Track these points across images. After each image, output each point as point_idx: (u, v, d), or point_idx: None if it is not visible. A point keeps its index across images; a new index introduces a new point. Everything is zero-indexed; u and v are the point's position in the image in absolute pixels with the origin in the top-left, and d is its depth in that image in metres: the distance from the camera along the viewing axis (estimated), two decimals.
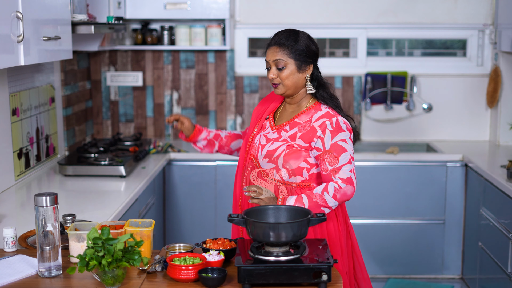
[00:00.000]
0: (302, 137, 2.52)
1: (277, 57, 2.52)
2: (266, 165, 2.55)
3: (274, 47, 2.54)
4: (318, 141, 2.49)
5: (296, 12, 4.77)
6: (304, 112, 2.57)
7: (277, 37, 2.55)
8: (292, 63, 2.53)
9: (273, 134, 2.59)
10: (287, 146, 2.53)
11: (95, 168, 3.62)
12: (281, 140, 2.55)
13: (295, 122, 2.57)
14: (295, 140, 2.53)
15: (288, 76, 2.53)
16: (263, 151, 2.57)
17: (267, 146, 2.57)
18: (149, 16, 4.45)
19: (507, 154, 4.30)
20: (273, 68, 2.53)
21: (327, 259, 2.07)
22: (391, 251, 4.38)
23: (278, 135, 2.57)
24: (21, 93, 3.45)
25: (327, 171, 2.48)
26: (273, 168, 2.55)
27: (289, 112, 2.63)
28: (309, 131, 2.51)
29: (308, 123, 2.53)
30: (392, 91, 4.77)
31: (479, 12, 4.73)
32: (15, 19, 2.52)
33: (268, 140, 2.58)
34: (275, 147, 2.54)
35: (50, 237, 2.10)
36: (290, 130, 2.55)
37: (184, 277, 2.06)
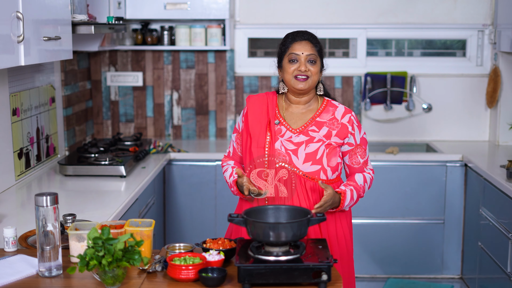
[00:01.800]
0: (337, 135, 2.59)
1: (311, 51, 2.59)
2: (310, 168, 2.55)
3: (307, 42, 2.60)
4: (351, 138, 2.60)
5: (296, 12, 4.77)
6: (323, 110, 2.63)
7: (306, 35, 2.63)
8: (319, 62, 2.62)
9: (297, 137, 2.58)
10: (326, 145, 2.57)
11: (95, 168, 3.63)
12: (316, 141, 2.57)
13: (320, 121, 2.60)
14: (331, 138, 2.58)
15: (316, 72, 2.61)
16: (301, 156, 2.56)
17: (301, 150, 2.56)
18: (149, 16, 4.45)
19: (507, 154, 4.30)
20: (304, 61, 2.57)
21: (327, 259, 2.07)
22: (391, 251, 4.38)
23: (308, 137, 2.58)
24: (21, 93, 3.46)
25: (359, 164, 2.63)
26: (319, 169, 2.56)
27: (300, 113, 2.64)
28: (341, 128, 2.59)
29: (335, 120, 2.60)
30: (392, 91, 4.77)
31: (478, 12, 4.73)
32: (15, 19, 2.52)
33: (298, 143, 2.57)
34: (315, 149, 2.56)
35: (51, 237, 2.10)
36: (320, 130, 2.59)
37: (184, 277, 2.07)
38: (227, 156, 2.81)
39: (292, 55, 2.59)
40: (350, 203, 2.61)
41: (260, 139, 2.61)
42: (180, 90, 4.82)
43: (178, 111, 4.84)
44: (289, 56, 2.59)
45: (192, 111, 4.83)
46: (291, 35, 2.65)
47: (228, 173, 2.71)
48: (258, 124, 2.64)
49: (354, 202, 2.62)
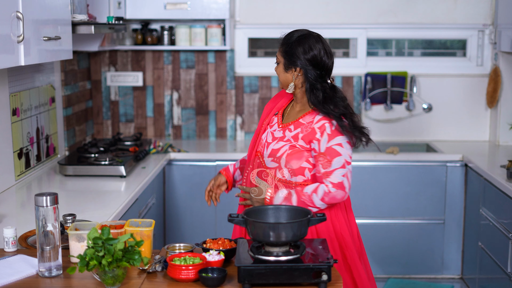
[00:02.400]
0: (303, 138, 2.56)
1: (277, 54, 2.69)
2: (270, 163, 2.61)
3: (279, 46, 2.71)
4: (316, 143, 2.54)
5: (296, 12, 4.77)
6: (309, 113, 2.61)
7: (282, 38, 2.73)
8: (282, 62, 2.64)
9: (279, 132, 2.64)
10: (290, 147, 2.57)
11: (95, 168, 3.63)
12: (285, 140, 2.60)
13: (300, 123, 2.61)
14: (298, 141, 2.57)
15: (278, 72, 2.66)
16: (268, 150, 2.62)
17: (272, 145, 2.62)
18: (149, 16, 4.45)
19: (507, 154, 4.30)
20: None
21: (327, 259, 2.07)
22: (391, 251, 4.38)
23: (283, 134, 2.62)
24: (21, 93, 3.46)
25: (320, 173, 2.54)
26: (276, 167, 2.59)
27: (296, 111, 2.67)
28: (309, 132, 2.55)
29: (310, 124, 2.57)
30: (392, 91, 4.77)
31: (478, 12, 4.73)
32: (15, 19, 2.52)
33: (274, 138, 2.63)
34: (279, 147, 2.59)
35: (50, 237, 2.10)
36: (294, 130, 2.60)
37: (184, 277, 2.07)
38: None
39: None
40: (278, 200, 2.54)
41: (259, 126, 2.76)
42: (180, 90, 4.82)
43: (178, 111, 4.84)
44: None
45: (192, 111, 4.83)
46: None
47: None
48: (267, 114, 2.77)
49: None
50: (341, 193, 2.53)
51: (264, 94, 4.82)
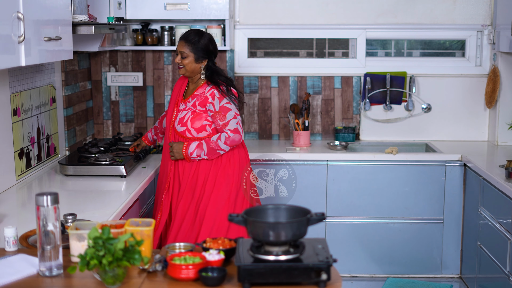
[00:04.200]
0: (199, 104, 3.49)
1: (181, 49, 3.52)
2: (180, 128, 3.50)
3: (181, 41, 3.54)
4: (210, 105, 3.47)
5: (296, 12, 4.78)
6: (200, 87, 3.55)
7: (187, 34, 3.55)
8: (191, 56, 3.52)
9: (181, 105, 3.57)
10: (192, 112, 3.50)
11: (95, 168, 3.63)
12: (187, 108, 3.52)
13: (195, 95, 3.54)
14: (196, 107, 3.50)
15: (187, 63, 3.52)
16: (177, 120, 3.54)
17: (179, 115, 3.54)
18: (150, 16, 4.46)
19: (506, 154, 4.31)
20: (179, 56, 3.53)
21: (327, 259, 2.08)
22: (390, 250, 4.39)
23: (184, 106, 3.54)
24: (22, 93, 3.47)
25: (219, 126, 3.46)
26: (185, 130, 3.49)
27: (190, 89, 3.62)
28: (204, 99, 3.49)
29: (202, 94, 3.51)
30: (391, 91, 4.78)
31: (477, 12, 4.74)
32: (16, 19, 2.53)
33: (179, 111, 3.56)
34: (183, 115, 3.51)
35: (51, 236, 2.11)
36: (191, 101, 3.53)
37: (184, 276, 2.07)
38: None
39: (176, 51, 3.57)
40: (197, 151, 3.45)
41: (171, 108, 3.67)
42: None
43: None
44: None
45: None
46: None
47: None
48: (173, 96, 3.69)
49: (205, 152, 3.44)
50: (238, 136, 3.46)
51: (264, 94, 4.83)
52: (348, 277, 4.41)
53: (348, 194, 4.35)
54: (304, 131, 4.60)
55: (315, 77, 4.81)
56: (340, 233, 4.38)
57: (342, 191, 4.35)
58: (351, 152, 4.44)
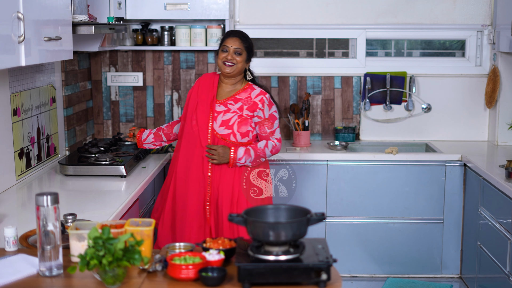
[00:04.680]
0: (248, 109, 3.39)
1: (239, 46, 3.39)
2: (223, 131, 3.38)
3: (236, 38, 3.41)
4: (260, 112, 3.40)
5: (296, 12, 4.78)
6: (243, 91, 3.45)
7: (239, 31, 3.46)
8: (245, 54, 3.42)
9: (218, 107, 3.42)
10: (239, 116, 3.38)
11: (95, 168, 3.63)
12: (232, 111, 3.39)
13: (237, 98, 3.43)
14: (243, 111, 3.38)
15: (241, 61, 3.40)
16: (218, 121, 3.39)
17: (220, 116, 3.39)
18: (150, 16, 4.46)
19: (506, 154, 4.31)
20: (232, 52, 3.38)
21: (327, 259, 2.08)
22: (390, 250, 4.39)
23: (225, 107, 3.41)
24: (22, 93, 3.47)
25: (266, 133, 3.44)
26: (230, 133, 3.37)
27: (226, 91, 3.47)
28: (252, 104, 3.40)
29: (249, 99, 3.41)
30: (391, 91, 4.78)
31: (477, 12, 4.74)
32: (16, 19, 2.53)
33: (215, 111, 3.41)
34: (229, 117, 3.38)
35: (51, 236, 2.11)
36: (236, 104, 3.41)
37: (184, 276, 2.08)
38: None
39: (224, 47, 3.40)
40: (245, 157, 3.34)
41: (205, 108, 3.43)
42: (180, 90, 4.83)
43: (178, 111, 4.85)
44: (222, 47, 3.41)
45: None
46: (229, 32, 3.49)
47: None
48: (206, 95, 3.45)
49: (252, 158, 3.35)
50: (280, 145, 3.49)
51: None
52: (348, 277, 4.41)
53: (348, 194, 4.35)
54: (304, 131, 4.60)
55: (315, 77, 4.81)
56: (340, 233, 4.38)
57: (342, 191, 4.35)
58: (351, 152, 4.44)
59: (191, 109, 3.47)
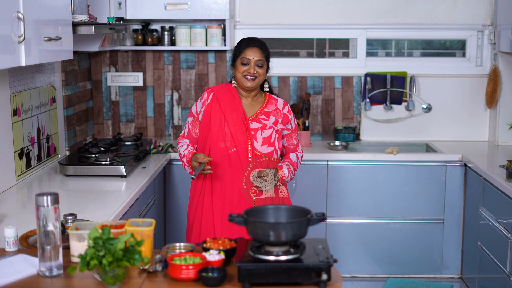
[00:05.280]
0: (282, 122, 3.19)
1: (261, 57, 3.13)
2: (266, 149, 3.13)
3: (257, 49, 3.14)
4: (289, 124, 3.23)
5: (296, 12, 4.78)
6: (268, 103, 3.22)
7: (257, 41, 3.18)
8: (265, 65, 3.16)
9: (251, 124, 3.16)
10: (276, 131, 3.17)
11: (96, 168, 3.63)
12: (268, 127, 3.15)
13: (267, 112, 3.20)
14: (278, 125, 3.18)
15: (263, 73, 3.15)
16: (259, 139, 3.13)
17: (259, 135, 3.13)
18: (150, 16, 4.46)
19: (506, 154, 4.31)
20: (253, 65, 3.12)
21: (327, 259, 2.08)
22: (391, 250, 4.39)
23: (260, 124, 3.16)
24: (22, 93, 3.46)
25: (294, 145, 3.27)
26: (273, 151, 3.15)
27: (250, 104, 3.21)
28: (284, 116, 3.20)
29: (278, 111, 3.21)
30: (392, 91, 4.78)
31: (478, 12, 4.74)
32: (16, 19, 2.53)
33: (254, 129, 3.13)
34: (269, 134, 3.15)
35: (51, 236, 2.11)
36: (269, 118, 3.18)
37: (185, 276, 2.07)
38: (182, 136, 3.30)
39: (244, 59, 3.13)
40: (290, 176, 3.15)
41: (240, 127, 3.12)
42: (180, 90, 4.83)
43: (179, 111, 4.84)
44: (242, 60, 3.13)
45: None
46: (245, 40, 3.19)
47: (183, 148, 3.21)
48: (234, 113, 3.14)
49: (292, 175, 3.17)
50: None
51: None
52: (348, 277, 4.41)
53: (348, 194, 4.35)
54: (305, 131, 4.59)
55: (316, 77, 4.80)
56: (341, 233, 4.38)
57: (343, 191, 4.35)
58: (351, 152, 4.43)
59: (217, 130, 3.13)
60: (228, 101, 3.16)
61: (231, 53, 4.78)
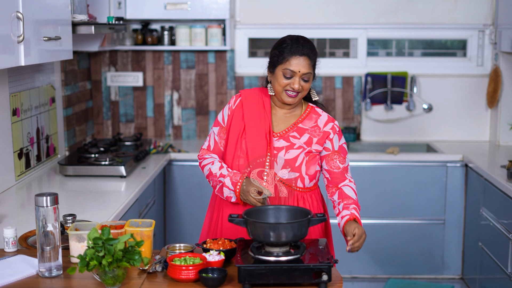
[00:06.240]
0: (318, 142, 2.55)
1: (308, 70, 2.50)
2: (287, 175, 2.51)
3: (305, 58, 2.50)
4: (329, 143, 2.56)
5: (296, 12, 4.77)
6: (306, 117, 2.59)
7: (306, 47, 2.52)
8: (312, 75, 2.54)
9: (278, 141, 2.55)
10: (306, 153, 2.53)
11: (95, 168, 3.63)
12: (296, 147, 2.53)
13: (302, 128, 2.57)
14: (312, 145, 2.55)
15: (309, 87, 2.55)
16: (279, 161, 2.51)
17: (281, 155, 2.51)
18: (150, 16, 4.45)
19: (507, 154, 4.30)
20: (298, 79, 2.49)
21: (328, 259, 2.07)
22: (391, 251, 4.38)
23: (288, 142, 2.54)
24: (21, 93, 3.45)
25: (339, 169, 2.57)
26: (297, 177, 2.52)
27: (284, 117, 2.60)
28: (323, 135, 2.56)
29: (317, 128, 2.57)
30: (392, 91, 4.77)
31: (479, 12, 4.73)
32: (16, 19, 2.52)
33: (278, 148, 2.53)
34: (295, 155, 2.52)
35: (51, 237, 2.10)
36: (302, 136, 2.55)
37: (185, 277, 2.07)
38: (207, 149, 2.67)
39: (288, 72, 2.49)
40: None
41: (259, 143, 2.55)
42: (180, 90, 4.82)
43: (179, 111, 4.84)
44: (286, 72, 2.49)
45: (192, 111, 4.83)
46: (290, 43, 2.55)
47: (216, 166, 2.57)
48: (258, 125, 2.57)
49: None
50: None
51: None
52: (348, 278, 4.40)
53: None
54: None
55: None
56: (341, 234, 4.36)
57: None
58: (352, 152, 4.43)
59: (234, 143, 2.59)
60: (256, 109, 2.59)
61: (232, 53, 4.77)
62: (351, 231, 2.36)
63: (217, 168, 2.58)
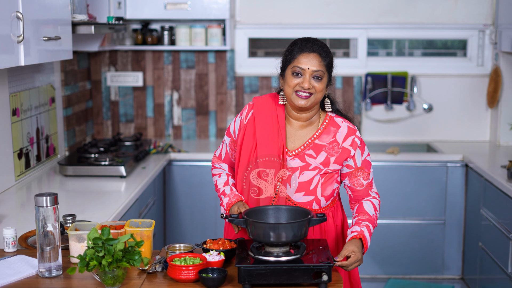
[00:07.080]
0: (336, 161, 2.38)
1: (319, 67, 2.33)
2: (302, 198, 2.37)
3: (315, 55, 2.35)
4: (350, 161, 2.40)
5: (296, 12, 4.77)
6: (324, 131, 2.42)
7: (315, 44, 2.39)
8: (326, 77, 2.37)
9: (292, 161, 2.38)
10: (322, 174, 2.38)
11: (95, 168, 3.62)
12: (311, 168, 2.37)
13: (319, 145, 2.39)
14: (329, 166, 2.38)
15: (322, 89, 2.36)
16: (293, 184, 2.37)
17: (295, 177, 2.37)
18: (149, 16, 4.45)
19: (508, 154, 4.30)
20: (309, 77, 2.33)
21: (328, 260, 2.07)
22: (392, 251, 4.38)
23: (303, 162, 2.37)
24: (21, 93, 3.45)
25: (363, 186, 2.42)
26: (312, 200, 2.38)
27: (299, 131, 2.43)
28: (342, 152, 2.39)
29: (335, 144, 2.39)
30: (393, 91, 4.77)
31: (479, 12, 4.73)
32: (15, 19, 2.52)
33: (292, 169, 2.37)
34: (310, 178, 2.37)
35: (50, 237, 2.10)
36: (318, 156, 2.37)
37: (184, 277, 2.06)
38: (219, 158, 2.61)
39: (297, 68, 2.34)
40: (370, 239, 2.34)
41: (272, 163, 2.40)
42: (180, 90, 4.82)
43: (178, 111, 4.83)
44: (294, 69, 2.35)
45: (192, 111, 4.83)
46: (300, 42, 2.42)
47: (222, 180, 2.53)
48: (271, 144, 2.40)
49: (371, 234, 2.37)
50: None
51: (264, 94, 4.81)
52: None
53: None
54: None
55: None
56: None
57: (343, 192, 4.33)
58: None
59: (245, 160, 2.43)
60: (268, 124, 2.41)
61: (232, 53, 4.77)
62: (344, 254, 2.21)
63: (222, 184, 2.52)
